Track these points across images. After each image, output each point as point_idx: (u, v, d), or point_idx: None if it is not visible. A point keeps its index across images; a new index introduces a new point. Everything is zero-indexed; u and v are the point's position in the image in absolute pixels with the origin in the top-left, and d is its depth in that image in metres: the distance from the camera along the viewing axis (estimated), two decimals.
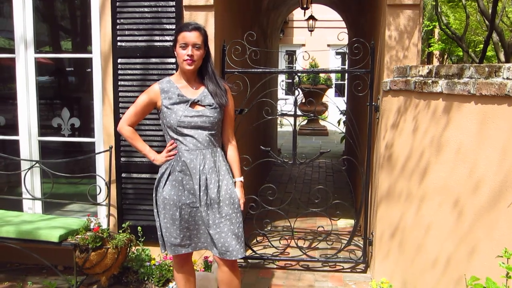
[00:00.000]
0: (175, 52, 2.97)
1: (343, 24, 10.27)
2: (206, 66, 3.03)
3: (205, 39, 2.97)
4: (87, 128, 4.63)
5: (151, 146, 3.09)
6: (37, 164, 4.36)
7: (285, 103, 4.78)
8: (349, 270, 4.38)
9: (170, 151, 3.01)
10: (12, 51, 4.36)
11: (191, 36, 2.89)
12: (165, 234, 3.05)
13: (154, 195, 3.08)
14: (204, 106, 2.97)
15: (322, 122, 14.46)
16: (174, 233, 3.01)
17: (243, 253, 3.02)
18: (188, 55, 2.89)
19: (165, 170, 3.02)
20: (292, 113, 4.31)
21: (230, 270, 3.07)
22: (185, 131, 2.95)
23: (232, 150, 3.18)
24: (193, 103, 2.97)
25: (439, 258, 3.12)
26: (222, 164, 3.04)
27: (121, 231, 4.01)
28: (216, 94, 3.00)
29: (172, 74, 3.83)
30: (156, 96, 3.01)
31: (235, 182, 3.11)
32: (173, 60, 4.05)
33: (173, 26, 4.02)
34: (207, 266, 3.92)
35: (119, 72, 4.13)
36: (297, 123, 4.36)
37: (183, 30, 2.91)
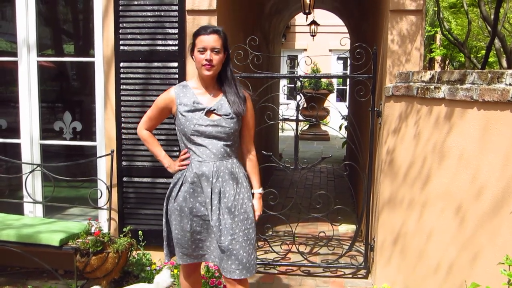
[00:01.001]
0: (192, 57, 2.83)
1: (345, 29, 10.28)
2: (226, 71, 2.88)
3: (225, 42, 2.82)
4: (88, 132, 4.63)
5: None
6: (38, 168, 4.36)
7: (287, 108, 4.78)
8: (350, 275, 4.36)
9: (183, 160, 2.89)
10: (14, 54, 4.36)
11: (210, 40, 2.74)
12: (176, 244, 2.94)
13: (165, 204, 2.97)
14: (220, 115, 2.82)
15: (323, 127, 14.43)
16: (185, 244, 2.89)
17: (253, 271, 2.87)
18: (206, 59, 2.74)
19: (178, 180, 2.90)
20: (294, 118, 4.31)
21: None
22: (199, 140, 2.80)
23: (251, 161, 3.04)
24: (209, 112, 2.81)
25: (441, 264, 3.11)
26: (238, 177, 2.89)
27: (122, 235, 4.00)
28: (234, 102, 2.84)
29: (175, 78, 3.81)
30: (171, 101, 2.88)
31: (253, 194, 2.99)
32: (175, 64, 4.05)
33: (176, 31, 4.03)
34: (208, 271, 3.91)
35: (122, 76, 4.13)
36: (299, 128, 4.35)
37: (201, 33, 2.77)
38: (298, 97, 4.33)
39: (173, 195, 2.90)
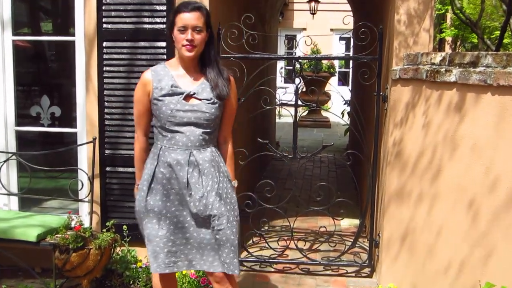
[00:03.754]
0: (172, 36, 2.77)
1: (348, 7, 10.23)
2: (208, 52, 2.83)
3: (207, 20, 2.77)
4: (68, 118, 4.60)
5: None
6: (13, 156, 4.33)
7: (285, 92, 4.77)
8: (353, 274, 4.37)
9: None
10: None
11: (191, 18, 2.69)
12: (147, 247, 2.89)
13: (136, 207, 2.93)
14: (200, 99, 2.78)
15: (324, 113, 14.41)
16: (157, 246, 2.84)
17: (235, 271, 2.84)
18: (187, 39, 2.69)
19: (146, 177, 2.87)
20: (293, 102, 4.28)
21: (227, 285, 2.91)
22: (176, 127, 2.77)
23: (227, 152, 3.02)
24: (188, 96, 2.77)
25: (452, 263, 3.12)
26: (220, 165, 2.88)
27: (104, 230, 3.99)
28: (217, 84, 2.80)
29: (163, 60, 3.78)
30: (148, 85, 2.82)
31: None
32: (163, 44, 4.02)
33: (164, 7, 3.99)
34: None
35: (105, 56, 4.10)
36: (298, 114, 4.34)
37: (181, 10, 2.70)
38: (297, 80, 4.31)
39: (143, 195, 2.87)
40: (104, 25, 4.07)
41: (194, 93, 2.79)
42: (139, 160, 3.02)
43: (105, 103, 4.13)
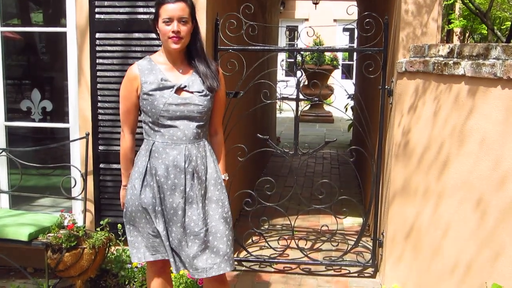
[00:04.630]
0: (157, 29, 2.83)
1: None
2: (195, 44, 2.89)
3: (192, 10, 2.84)
4: (60, 112, 4.60)
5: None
6: (3, 153, 4.34)
7: (286, 86, 4.77)
8: (356, 274, 4.39)
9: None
10: None
11: (176, 9, 2.74)
12: (139, 243, 2.97)
13: (126, 205, 2.97)
14: (192, 92, 2.85)
15: (327, 108, 14.44)
16: (155, 243, 2.93)
17: (232, 266, 2.94)
18: (173, 31, 2.74)
19: (138, 169, 2.90)
20: (294, 96, 4.29)
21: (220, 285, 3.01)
22: (169, 122, 2.81)
23: (218, 144, 3.11)
24: (179, 89, 2.83)
25: (459, 263, 3.13)
26: (210, 161, 2.95)
27: (99, 229, 4.00)
28: (207, 76, 2.87)
29: (156, 52, 3.78)
30: (135, 80, 2.85)
31: None
32: None
33: None
34: None
35: (97, 48, 4.09)
36: (299, 109, 4.34)
37: (166, 1, 2.75)
38: (299, 73, 4.31)
39: (136, 193, 2.89)
40: (97, 15, 4.07)
41: (185, 86, 2.85)
42: (125, 160, 3.05)
43: (98, 97, 4.13)
